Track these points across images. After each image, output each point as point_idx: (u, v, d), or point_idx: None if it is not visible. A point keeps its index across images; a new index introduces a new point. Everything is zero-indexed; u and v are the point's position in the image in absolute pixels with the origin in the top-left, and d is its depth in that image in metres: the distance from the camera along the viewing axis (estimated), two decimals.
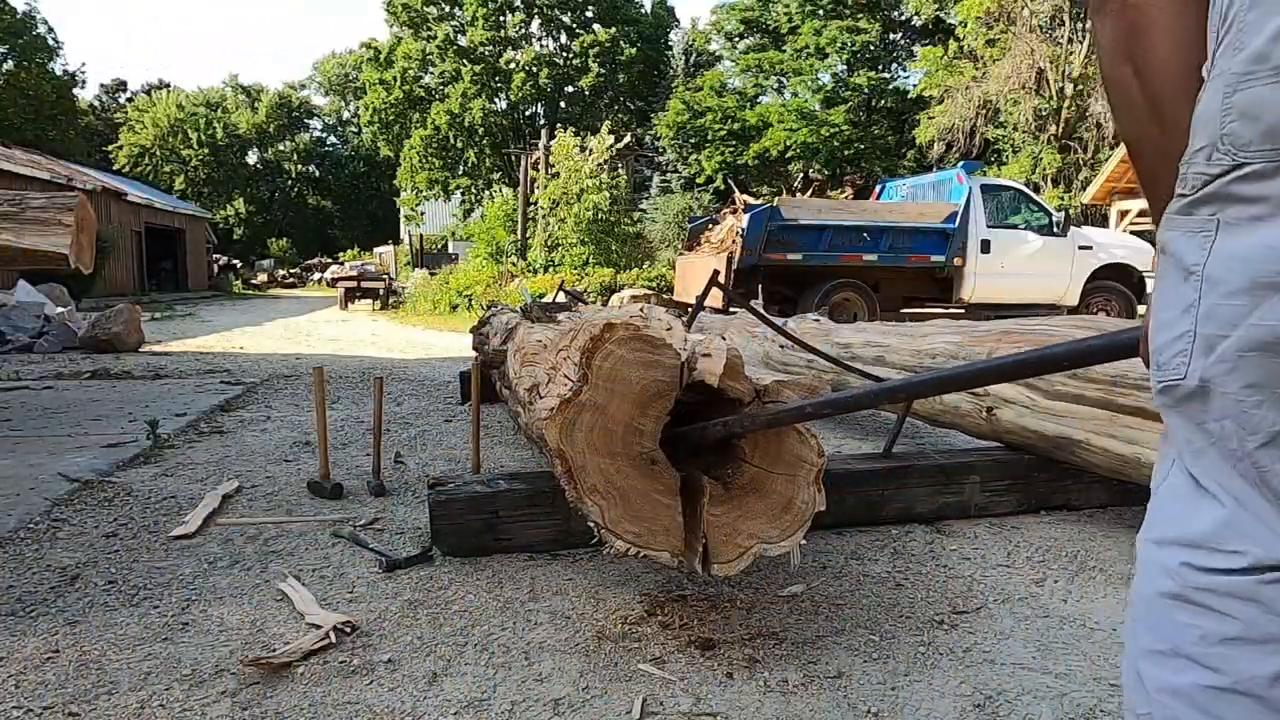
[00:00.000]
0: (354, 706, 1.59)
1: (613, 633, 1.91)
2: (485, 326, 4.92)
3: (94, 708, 1.57)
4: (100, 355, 7.90)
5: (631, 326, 1.79)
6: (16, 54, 29.68)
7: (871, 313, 9.99)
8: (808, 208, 10.38)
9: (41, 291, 10.37)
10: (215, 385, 5.70)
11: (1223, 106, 0.72)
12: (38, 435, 3.94)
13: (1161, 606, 0.77)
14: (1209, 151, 0.74)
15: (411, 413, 4.79)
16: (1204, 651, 0.73)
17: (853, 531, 2.67)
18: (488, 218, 22.09)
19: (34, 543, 2.47)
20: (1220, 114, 0.73)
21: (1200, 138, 0.75)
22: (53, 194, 4.11)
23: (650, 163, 24.57)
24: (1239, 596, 0.71)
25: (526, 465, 3.38)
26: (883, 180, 13.79)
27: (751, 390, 1.85)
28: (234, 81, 50.16)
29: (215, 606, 2.03)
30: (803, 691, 1.66)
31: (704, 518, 1.81)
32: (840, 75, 24.68)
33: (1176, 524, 0.79)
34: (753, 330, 4.88)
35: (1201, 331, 0.73)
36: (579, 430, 1.77)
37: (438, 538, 2.38)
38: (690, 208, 18.53)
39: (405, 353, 8.65)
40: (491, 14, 28.44)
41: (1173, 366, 0.76)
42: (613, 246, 16.62)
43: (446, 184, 30.11)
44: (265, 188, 49.00)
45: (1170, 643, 0.76)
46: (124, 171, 38.18)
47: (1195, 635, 0.74)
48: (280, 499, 2.99)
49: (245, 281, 32.42)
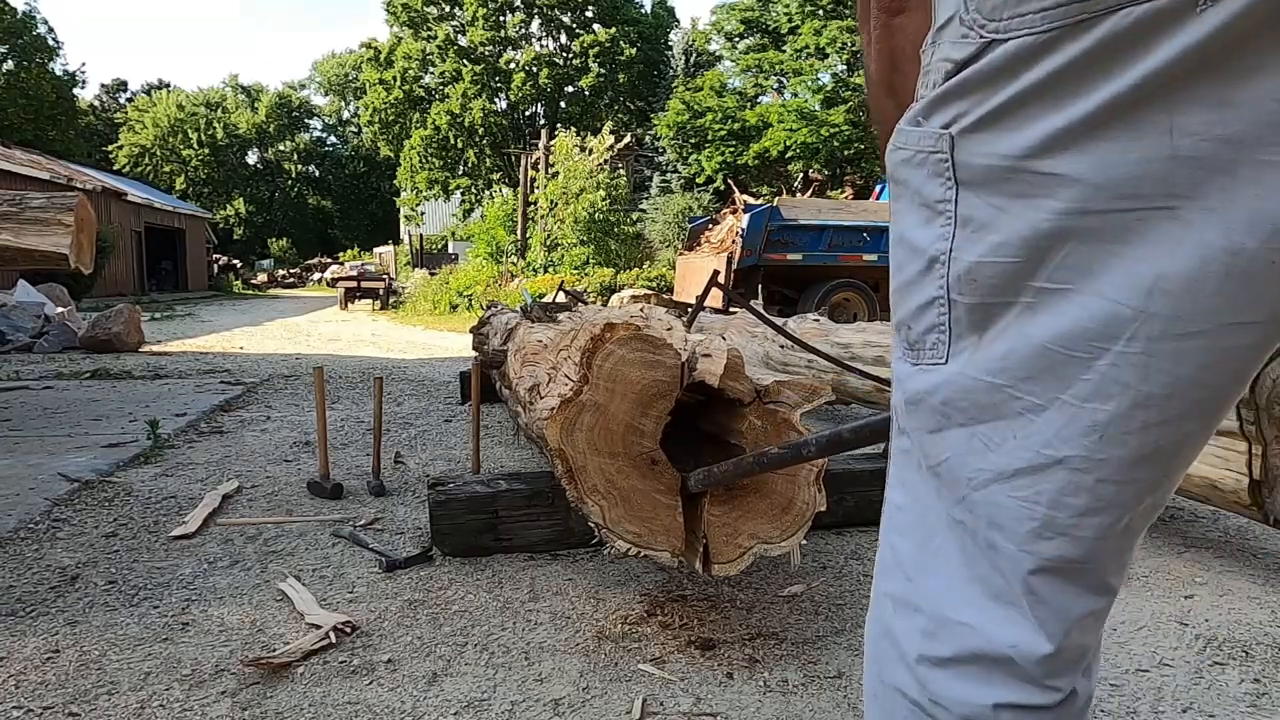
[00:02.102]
0: (354, 706, 1.58)
1: (613, 633, 1.91)
2: (485, 327, 4.92)
3: (94, 708, 1.56)
4: (100, 355, 7.89)
5: (632, 326, 1.79)
6: (16, 54, 29.68)
7: (871, 313, 9.99)
8: (808, 208, 10.39)
9: (41, 291, 10.37)
10: (215, 385, 5.70)
11: None
12: (38, 435, 3.93)
13: (903, 710, 0.68)
14: (955, 25, 0.55)
15: (411, 413, 4.79)
16: None
17: (853, 531, 2.67)
18: (487, 218, 22.09)
19: (34, 543, 2.47)
20: None
21: (945, 2, 0.57)
22: (53, 194, 4.11)
23: (650, 163, 24.54)
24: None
25: (526, 465, 3.38)
26: (883, 180, 13.79)
27: (752, 390, 1.85)
28: (234, 81, 50.19)
29: (215, 606, 2.03)
30: (803, 691, 1.66)
31: (705, 518, 1.81)
32: (840, 75, 24.66)
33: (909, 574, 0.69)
34: (753, 330, 4.88)
35: (959, 299, 0.59)
36: (579, 430, 1.77)
37: (438, 538, 2.38)
38: (690, 208, 18.52)
39: (405, 353, 8.65)
40: (491, 14, 28.46)
41: (929, 344, 0.62)
42: (612, 246, 16.62)
43: (446, 184, 30.14)
44: (265, 188, 49.02)
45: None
46: (124, 171, 38.20)
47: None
48: (280, 499, 2.99)
49: (245, 282, 32.43)
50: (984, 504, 0.60)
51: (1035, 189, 0.52)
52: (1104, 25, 0.48)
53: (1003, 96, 0.52)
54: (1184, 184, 0.48)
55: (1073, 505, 0.57)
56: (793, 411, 1.88)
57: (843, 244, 10.00)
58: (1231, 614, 2.06)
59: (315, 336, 10.87)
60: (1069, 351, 0.53)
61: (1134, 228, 0.50)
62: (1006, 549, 0.59)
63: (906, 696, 0.66)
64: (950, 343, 0.59)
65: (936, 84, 0.57)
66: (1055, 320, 0.54)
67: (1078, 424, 0.54)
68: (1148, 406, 0.53)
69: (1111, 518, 0.57)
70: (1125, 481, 0.56)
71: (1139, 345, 0.52)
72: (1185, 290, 0.50)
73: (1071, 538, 0.58)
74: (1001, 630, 0.61)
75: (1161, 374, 0.52)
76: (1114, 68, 0.48)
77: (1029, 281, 0.54)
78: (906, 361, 0.64)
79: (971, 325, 0.58)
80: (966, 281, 0.57)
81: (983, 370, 0.57)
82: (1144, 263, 0.50)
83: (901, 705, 0.67)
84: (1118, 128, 0.49)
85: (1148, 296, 0.51)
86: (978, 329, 0.58)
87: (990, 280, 0.56)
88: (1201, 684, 1.71)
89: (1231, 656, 1.83)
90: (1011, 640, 0.60)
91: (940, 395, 0.60)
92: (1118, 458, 0.55)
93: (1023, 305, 0.55)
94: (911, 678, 0.66)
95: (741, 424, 1.87)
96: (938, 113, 0.57)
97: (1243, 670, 1.77)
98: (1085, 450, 0.55)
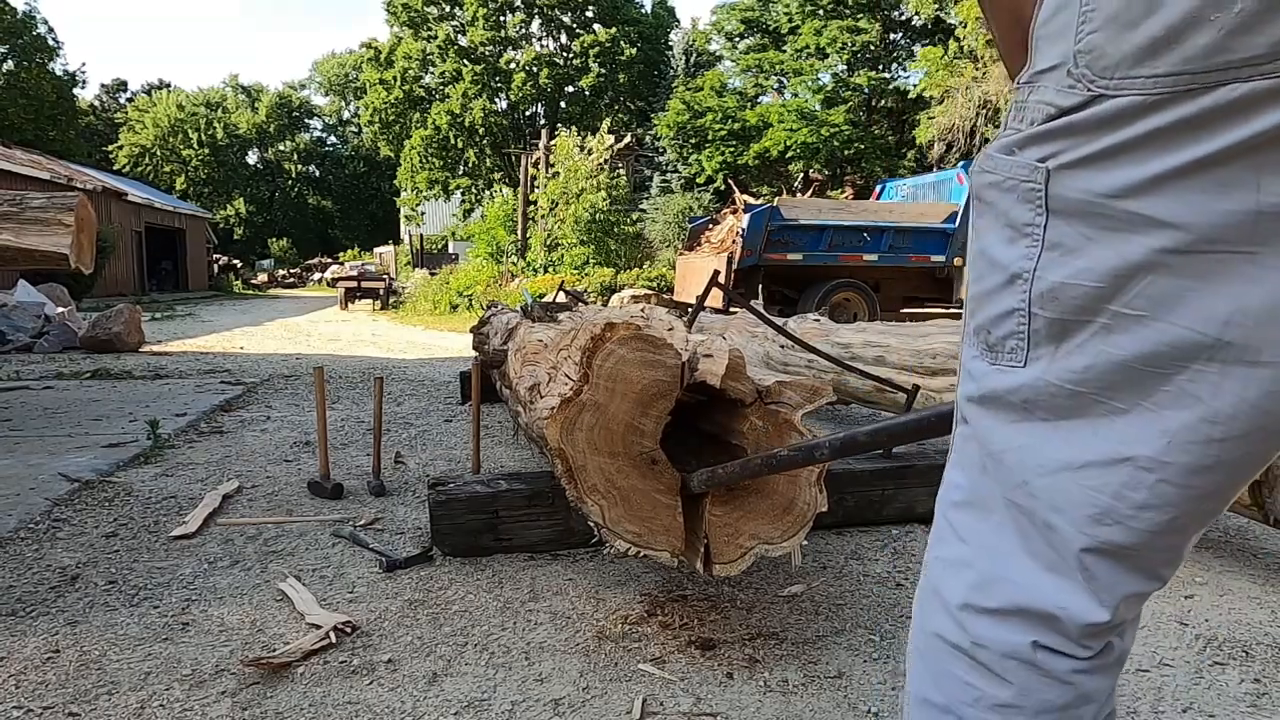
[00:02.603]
0: (354, 706, 1.58)
1: (613, 633, 1.91)
2: (485, 326, 4.92)
3: (94, 708, 1.56)
4: (100, 355, 7.90)
5: (633, 326, 1.78)
6: (16, 54, 29.69)
7: (871, 313, 9.99)
8: (808, 208, 10.38)
9: (41, 291, 10.37)
10: (215, 385, 5.70)
11: (1081, 9, 0.58)
12: (38, 435, 3.93)
13: (943, 654, 0.74)
14: (1060, 74, 0.61)
15: (411, 413, 4.79)
16: (978, 716, 0.71)
17: (853, 531, 2.67)
18: (488, 218, 22.09)
19: (34, 543, 2.47)
20: (1078, 19, 0.58)
21: (1049, 50, 0.62)
22: (53, 194, 4.10)
23: (650, 163, 24.55)
24: (1018, 659, 0.69)
25: (526, 465, 3.38)
26: (883, 180, 13.79)
27: (754, 391, 1.85)
28: (234, 81, 50.20)
29: (215, 606, 2.03)
30: (803, 691, 1.66)
31: (706, 518, 1.81)
32: (840, 75, 24.66)
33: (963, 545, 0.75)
34: (753, 330, 4.88)
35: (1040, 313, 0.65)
36: (580, 430, 1.77)
37: (438, 538, 2.38)
38: (690, 208, 18.52)
39: (405, 353, 8.65)
40: (492, 14, 28.47)
41: (1008, 349, 0.68)
42: (612, 246, 16.62)
43: (446, 184, 30.14)
44: (265, 188, 49.03)
45: (946, 698, 0.74)
46: (124, 171, 38.21)
47: (972, 696, 0.71)
48: (280, 499, 2.99)
49: (245, 281, 32.43)
50: (1048, 489, 0.66)
51: (1125, 225, 0.58)
52: (1210, 95, 0.53)
53: (1104, 143, 0.58)
54: (1266, 235, 0.54)
55: (1132, 499, 0.62)
56: (794, 412, 1.88)
57: (843, 244, 10.00)
58: (1231, 614, 2.06)
59: (315, 336, 10.87)
60: (1150, 368, 0.60)
61: (1215, 268, 0.56)
62: (1064, 529, 0.65)
63: (947, 641, 0.73)
64: (1028, 349, 0.66)
65: (1035, 122, 0.63)
66: (1135, 342, 0.60)
67: (1152, 428, 0.61)
68: (1214, 422, 0.59)
69: (1166, 515, 0.63)
70: (1183, 485, 0.61)
71: (1214, 366, 0.58)
72: (1258, 324, 0.56)
73: (1126, 527, 0.63)
74: (1053, 593, 0.67)
75: (1230, 395, 0.58)
76: (1212, 130, 0.54)
77: (1108, 305, 0.60)
78: (983, 361, 0.70)
79: (1049, 336, 0.64)
80: (1049, 299, 0.63)
81: (1063, 378, 0.64)
82: (1221, 298, 0.56)
83: (942, 650, 0.73)
84: (1208, 181, 0.54)
85: (1223, 327, 0.56)
86: (1055, 340, 0.64)
87: (1073, 300, 0.62)
88: (1201, 684, 1.71)
89: (1231, 656, 1.83)
90: (1061, 603, 0.67)
91: (1022, 394, 0.67)
92: (1181, 463, 0.60)
93: (1100, 325, 0.61)
94: (953, 623, 0.72)
95: (743, 424, 1.87)
96: (1034, 147, 0.63)
97: (1243, 670, 1.77)
98: (1153, 452, 0.61)
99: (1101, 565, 0.65)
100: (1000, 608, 0.69)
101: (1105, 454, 0.62)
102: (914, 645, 0.79)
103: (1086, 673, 0.69)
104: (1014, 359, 0.66)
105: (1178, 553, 0.68)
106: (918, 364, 3.60)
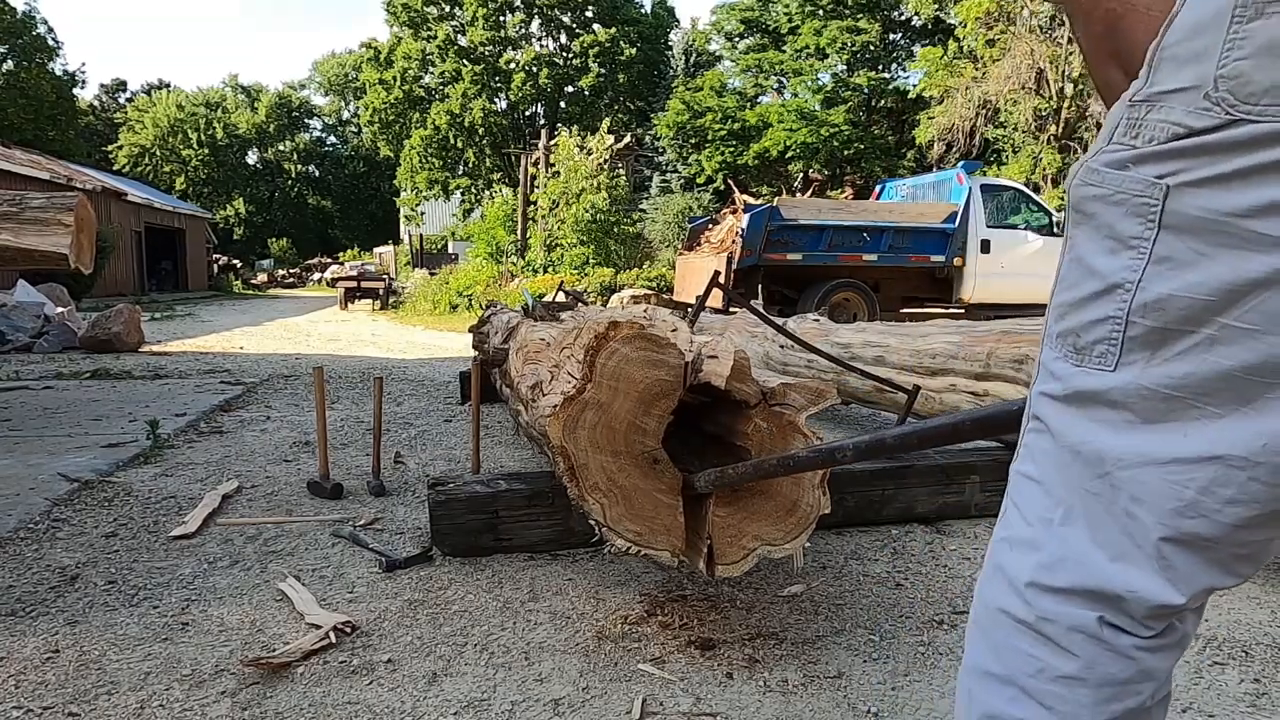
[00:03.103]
0: (354, 706, 1.58)
1: (613, 633, 1.91)
2: (485, 326, 4.91)
3: (94, 708, 1.56)
4: (100, 355, 7.89)
5: (636, 325, 1.78)
6: (16, 54, 29.68)
7: (871, 313, 9.99)
8: (808, 208, 10.37)
9: (41, 291, 10.36)
10: (215, 385, 5.70)
11: (1228, 35, 0.59)
12: (38, 435, 3.93)
13: (1006, 628, 0.75)
14: (1194, 96, 0.62)
15: (411, 413, 4.79)
16: (1040, 687, 0.72)
17: (853, 531, 2.67)
18: (487, 218, 22.10)
19: (34, 543, 2.47)
20: (1223, 45, 0.59)
21: (1179, 72, 0.63)
22: (52, 194, 4.10)
23: (650, 163, 24.55)
24: (1085, 633, 0.70)
25: (526, 465, 3.38)
26: (883, 180, 13.79)
27: (758, 392, 1.84)
28: (234, 81, 50.19)
29: (215, 606, 2.03)
30: (803, 691, 1.66)
31: (709, 519, 1.81)
32: (840, 75, 24.67)
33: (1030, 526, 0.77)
34: (753, 330, 4.88)
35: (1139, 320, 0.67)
36: (582, 428, 1.77)
37: (438, 538, 2.38)
38: (690, 208, 18.53)
39: (405, 353, 8.65)
40: (491, 14, 28.47)
41: (1097, 353, 0.70)
42: (611, 246, 16.62)
43: (446, 184, 30.15)
44: (265, 188, 49.02)
45: (1008, 669, 0.74)
46: (124, 171, 38.20)
47: (1034, 668, 0.73)
48: (280, 499, 2.99)
49: (245, 281, 32.43)
50: (1131, 481, 0.67)
51: (1245, 243, 0.60)
52: None
53: (1235, 165, 0.59)
54: None
55: (1220, 494, 0.64)
56: (799, 414, 1.87)
57: (843, 244, 9.99)
58: (1231, 614, 2.06)
59: (315, 336, 10.87)
60: (1255, 378, 0.61)
61: None
62: (1144, 518, 0.67)
63: (1012, 616, 0.74)
64: (1120, 354, 0.67)
65: (1156, 140, 0.64)
66: (1243, 354, 0.61)
67: (1248, 430, 0.62)
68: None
69: (1251, 511, 0.64)
70: (1272, 485, 0.63)
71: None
72: None
73: (1210, 520, 0.65)
74: (1122, 576, 0.69)
75: None
76: None
77: (1217, 317, 0.62)
78: (1068, 362, 0.72)
79: (1145, 344, 0.66)
80: (1152, 309, 0.65)
81: (1160, 383, 0.66)
82: None
83: (1005, 624, 0.75)
84: None
85: None
86: (1151, 347, 0.66)
87: (1179, 311, 0.63)
88: (1201, 684, 1.70)
89: (1231, 656, 1.83)
90: (1131, 586, 0.68)
91: (1111, 395, 0.68)
92: (1274, 464, 0.62)
93: (1206, 336, 0.63)
94: (1019, 600, 0.74)
95: (747, 426, 1.86)
96: (1153, 164, 0.64)
97: (1242, 670, 1.77)
98: (1247, 452, 0.62)
99: (1180, 555, 0.67)
100: (1066, 587, 0.71)
101: (1195, 452, 0.64)
102: (975, 620, 0.80)
103: (1149, 650, 0.70)
104: (1103, 363, 0.68)
105: (1259, 554, 0.69)
106: (917, 364, 3.60)
